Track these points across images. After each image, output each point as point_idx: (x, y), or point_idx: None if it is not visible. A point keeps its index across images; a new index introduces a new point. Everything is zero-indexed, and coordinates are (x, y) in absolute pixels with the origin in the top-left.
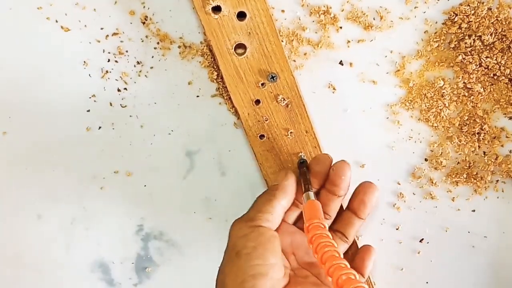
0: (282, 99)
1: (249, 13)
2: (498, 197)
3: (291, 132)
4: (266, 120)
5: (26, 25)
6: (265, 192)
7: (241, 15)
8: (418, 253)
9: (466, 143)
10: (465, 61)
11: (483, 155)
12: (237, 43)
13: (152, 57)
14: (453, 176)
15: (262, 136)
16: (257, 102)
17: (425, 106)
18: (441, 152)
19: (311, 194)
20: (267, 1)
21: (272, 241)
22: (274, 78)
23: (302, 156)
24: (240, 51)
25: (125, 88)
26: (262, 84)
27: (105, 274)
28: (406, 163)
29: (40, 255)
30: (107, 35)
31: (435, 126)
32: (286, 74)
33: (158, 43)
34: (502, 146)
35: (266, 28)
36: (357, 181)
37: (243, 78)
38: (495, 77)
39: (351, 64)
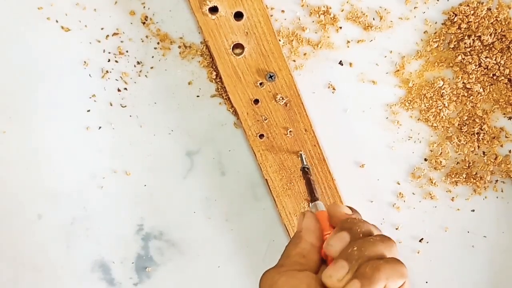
0: (281, 98)
1: (246, 13)
2: (497, 197)
3: (290, 131)
4: (265, 120)
5: (26, 25)
6: (291, 239)
7: (238, 15)
8: (418, 253)
9: (466, 143)
10: (465, 61)
11: (482, 155)
12: (234, 43)
13: (152, 57)
14: (453, 176)
15: (261, 136)
16: (256, 101)
17: (425, 106)
18: (441, 152)
19: (320, 204)
20: (263, 1)
21: (306, 282)
22: (273, 77)
23: (303, 159)
24: (238, 51)
25: (125, 88)
26: (261, 84)
27: (106, 274)
28: (406, 163)
29: (40, 255)
30: (107, 35)
31: (435, 126)
32: (284, 73)
33: (158, 43)
34: (501, 146)
35: (263, 28)
36: (357, 181)
37: (242, 78)
38: (495, 77)
39: (351, 64)
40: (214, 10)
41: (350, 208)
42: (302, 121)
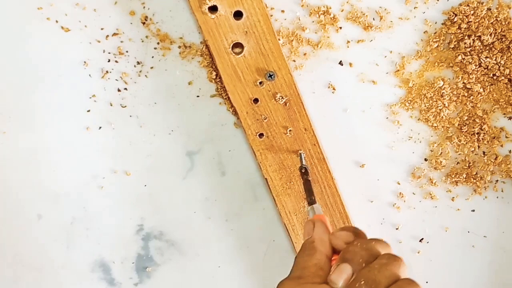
0: (281, 97)
1: (246, 12)
2: (497, 197)
3: (290, 130)
4: (265, 119)
5: (26, 25)
6: (302, 249)
7: (238, 14)
8: (418, 252)
9: (466, 143)
10: (465, 61)
11: (482, 155)
12: (234, 42)
13: (152, 57)
14: (453, 176)
15: (261, 135)
16: (256, 100)
17: (425, 106)
18: (441, 152)
19: (318, 208)
20: (263, 0)
21: None
22: (272, 76)
23: (302, 159)
24: (237, 50)
25: (125, 88)
26: (260, 83)
27: (106, 274)
28: (406, 163)
29: (40, 255)
30: (107, 36)
31: (435, 126)
32: (284, 72)
33: (158, 43)
34: (501, 146)
35: (263, 27)
36: (357, 181)
37: (241, 77)
38: (495, 77)
39: (351, 64)
40: (213, 9)
41: (352, 229)
42: (302, 120)
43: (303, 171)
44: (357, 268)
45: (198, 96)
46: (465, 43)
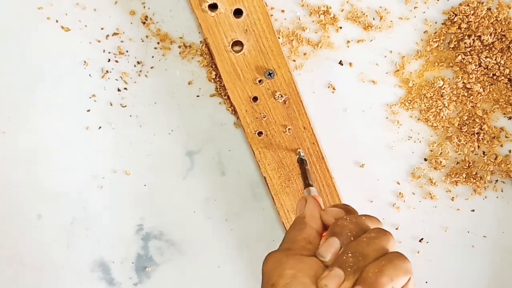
0: (280, 96)
1: (246, 10)
2: (497, 197)
3: (289, 129)
4: (264, 117)
5: (26, 25)
6: (293, 224)
7: (238, 13)
8: (418, 252)
9: (466, 143)
10: (465, 61)
11: (482, 155)
12: (234, 40)
13: (152, 57)
14: (453, 176)
15: (260, 133)
16: (255, 99)
17: (425, 106)
18: (441, 152)
19: (313, 190)
20: None
21: (314, 267)
22: (272, 74)
23: (301, 153)
24: (237, 48)
25: (125, 88)
26: (260, 81)
27: (105, 274)
28: (406, 163)
29: (40, 255)
30: (108, 35)
31: (435, 126)
32: (283, 71)
33: (158, 43)
34: (501, 146)
35: (263, 25)
36: (357, 181)
37: (241, 75)
38: (495, 77)
39: (351, 64)
40: (213, 7)
41: (343, 206)
42: (301, 119)
43: (302, 159)
44: (345, 242)
45: (198, 96)
46: (465, 43)
